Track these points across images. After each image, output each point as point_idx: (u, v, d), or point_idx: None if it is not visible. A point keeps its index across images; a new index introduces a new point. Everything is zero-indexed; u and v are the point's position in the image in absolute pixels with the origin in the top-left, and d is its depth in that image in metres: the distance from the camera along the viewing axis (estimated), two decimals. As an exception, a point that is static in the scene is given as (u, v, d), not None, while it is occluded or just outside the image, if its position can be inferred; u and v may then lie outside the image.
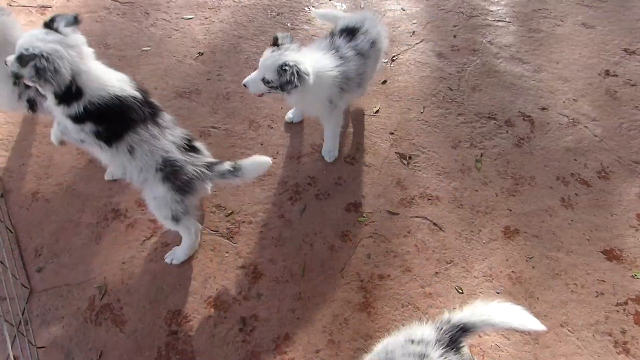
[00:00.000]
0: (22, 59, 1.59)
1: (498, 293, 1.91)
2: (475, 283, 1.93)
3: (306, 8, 2.90)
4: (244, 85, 1.97)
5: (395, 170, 2.22)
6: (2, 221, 2.03)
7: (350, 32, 2.04)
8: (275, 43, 1.91)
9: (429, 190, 2.16)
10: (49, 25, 1.69)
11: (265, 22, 2.81)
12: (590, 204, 2.17)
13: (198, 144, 1.83)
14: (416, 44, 2.76)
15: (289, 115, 2.38)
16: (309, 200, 2.12)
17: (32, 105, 2.09)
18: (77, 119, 1.67)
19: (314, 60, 1.92)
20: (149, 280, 1.92)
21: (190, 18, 2.82)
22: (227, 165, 1.76)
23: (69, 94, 1.63)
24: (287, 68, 1.81)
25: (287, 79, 1.82)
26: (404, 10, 2.93)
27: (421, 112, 2.44)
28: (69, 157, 2.23)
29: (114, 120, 1.68)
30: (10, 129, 2.32)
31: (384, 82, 2.56)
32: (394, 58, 2.67)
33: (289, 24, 2.81)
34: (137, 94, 1.72)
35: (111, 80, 1.71)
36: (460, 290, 1.91)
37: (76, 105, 1.64)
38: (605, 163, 2.30)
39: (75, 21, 1.75)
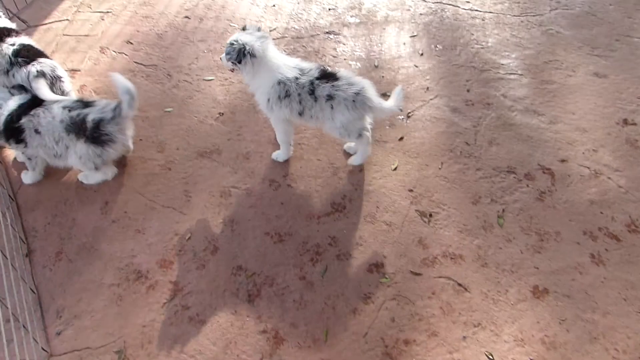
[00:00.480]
0: None
1: None
2: (506, 348, 1.88)
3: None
4: (220, 59, 2.34)
5: (416, 229, 2.21)
6: (26, 282, 2.04)
7: (331, 77, 2.19)
8: (243, 29, 2.28)
9: (452, 248, 2.14)
10: None
11: (283, 81, 2.89)
12: (622, 260, 2.11)
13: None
14: (431, 99, 2.80)
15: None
16: (330, 261, 2.11)
17: None
18: None
19: (274, 56, 2.24)
20: (169, 345, 1.90)
21: (211, 79, 2.90)
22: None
23: None
24: (234, 43, 2.17)
25: (233, 54, 2.17)
26: (417, 67, 2.99)
27: (439, 168, 2.45)
28: (93, 218, 2.26)
29: None
30: (38, 189, 2.37)
31: (401, 138, 2.59)
32: (410, 114, 2.71)
33: (306, 83, 2.87)
34: None
35: None
36: (490, 357, 1.85)
37: None
38: (634, 215, 2.26)
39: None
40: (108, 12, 3.42)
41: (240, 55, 2.16)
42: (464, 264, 2.10)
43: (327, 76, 2.19)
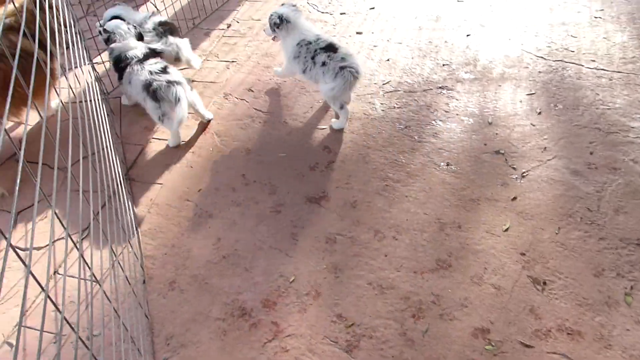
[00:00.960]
0: None
1: None
2: None
3: (433, 122, 2.97)
4: (264, 31, 3.17)
5: (527, 296, 2.08)
6: (142, 307, 2.18)
7: (331, 49, 2.82)
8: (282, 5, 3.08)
9: (569, 323, 1.97)
10: None
11: (393, 134, 2.92)
12: None
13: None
14: (548, 160, 2.67)
15: None
16: (433, 320, 2.04)
17: None
18: None
19: (302, 25, 2.97)
20: (267, 386, 1.92)
21: (324, 128, 3.01)
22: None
23: None
24: (273, 14, 2.96)
25: (274, 19, 2.94)
26: (533, 125, 2.89)
27: (556, 233, 2.31)
28: (206, 251, 2.39)
29: None
30: (160, 220, 2.56)
31: (514, 198, 2.49)
32: (524, 174, 2.60)
33: (416, 137, 2.88)
34: None
35: None
36: None
37: None
38: None
39: None
40: (233, 61, 3.71)
41: (279, 20, 2.92)
42: (583, 342, 1.92)
43: (330, 48, 2.82)
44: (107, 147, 2.32)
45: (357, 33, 3.90)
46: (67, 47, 2.31)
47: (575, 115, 2.92)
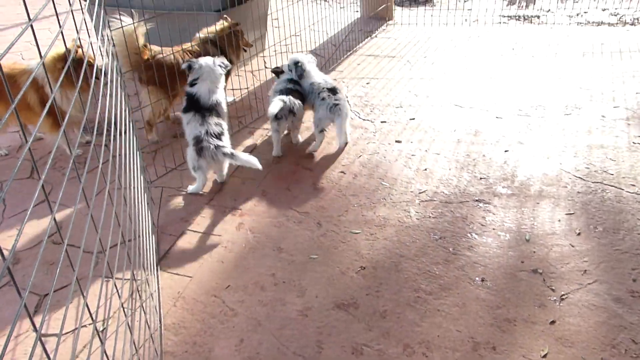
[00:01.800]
0: None
1: None
2: None
3: (469, 234, 2.94)
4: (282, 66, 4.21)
5: None
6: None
7: (333, 92, 3.87)
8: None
9: None
10: None
11: (427, 244, 2.89)
12: None
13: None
14: (588, 284, 2.57)
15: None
16: None
17: None
18: None
19: (313, 70, 4.05)
20: None
21: (357, 233, 3.02)
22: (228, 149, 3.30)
23: None
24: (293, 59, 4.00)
25: (291, 65, 3.99)
26: (573, 246, 2.82)
27: (599, 365, 2.16)
28: (228, 352, 2.32)
29: None
30: (184, 315, 2.53)
31: (553, 322, 2.37)
32: (564, 297, 2.50)
33: (450, 249, 2.84)
34: None
35: None
36: None
37: None
38: None
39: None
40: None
41: (297, 66, 3.94)
42: None
43: (332, 90, 3.84)
44: (143, 235, 2.37)
45: (397, 141, 4.02)
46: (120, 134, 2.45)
47: (616, 239, 2.85)
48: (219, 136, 3.34)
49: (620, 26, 6.61)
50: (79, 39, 2.02)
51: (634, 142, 3.79)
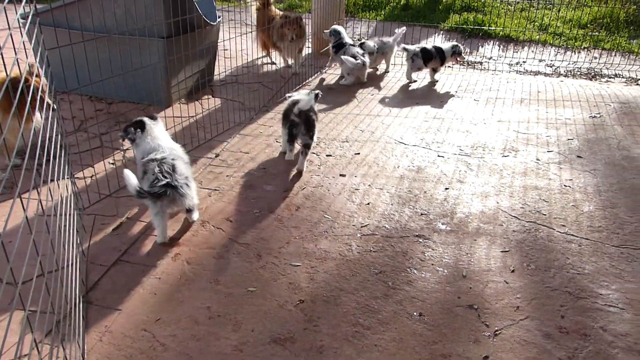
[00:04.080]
0: None
1: None
2: None
3: (408, 269, 2.97)
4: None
5: None
6: None
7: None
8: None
9: None
10: None
11: (367, 278, 2.89)
12: None
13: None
14: (520, 320, 2.63)
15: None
16: None
17: None
18: None
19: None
20: None
21: (298, 265, 2.98)
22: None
23: None
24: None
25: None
26: (507, 283, 2.89)
27: (529, 401, 2.19)
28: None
29: None
30: (110, 350, 2.39)
31: (486, 357, 2.40)
32: (497, 332, 2.54)
33: (390, 283, 2.85)
34: None
35: None
36: None
37: None
38: None
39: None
40: (216, 189, 3.78)
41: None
42: None
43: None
44: (68, 266, 2.24)
45: (341, 175, 4.06)
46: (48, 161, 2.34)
47: (547, 277, 2.95)
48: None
49: (555, 77, 7.05)
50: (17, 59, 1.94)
51: (565, 185, 3.99)
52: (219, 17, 5.83)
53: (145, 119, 3.32)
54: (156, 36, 4.86)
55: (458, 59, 6.44)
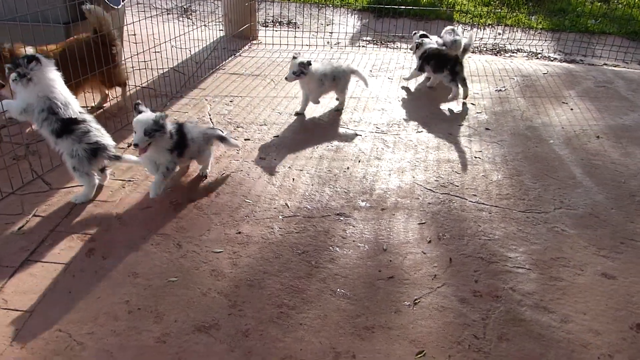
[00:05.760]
0: None
1: None
2: None
3: (330, 247, 3.02)
4: (285, 79, 4.70)
5: None
6: None
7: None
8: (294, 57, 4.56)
9: None
10: None
11: (290, 259, 2.91)
12: None
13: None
14: (438, 287, 2.77)
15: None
16: None
17: None
18: None
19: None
20: None
21: (220, 252, 2.94)
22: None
23: None
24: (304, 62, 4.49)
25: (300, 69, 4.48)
26: (424, 253, 3.02)
27: (447, 362, 2.32)
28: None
29: None
30: (23, 354, 2.24)
31: (407, 326, 2.50)
32: (417, 301, 2.65)
33: (313, 262, 2.89)
34: None
35: None
36: None
37: None
38: None
39: None
40: (130, 180, 3.62)
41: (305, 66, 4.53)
42: None
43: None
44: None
45: (260, 158, 4.03)
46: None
47: (461, 245, 3.11)
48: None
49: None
50: None
51: (475, 157, 4.21)
52: (123, 0, 5.53)
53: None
54: (54, 22, 4.53)
55: None
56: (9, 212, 3.20)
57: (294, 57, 4.58)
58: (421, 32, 5.90)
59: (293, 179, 3.75)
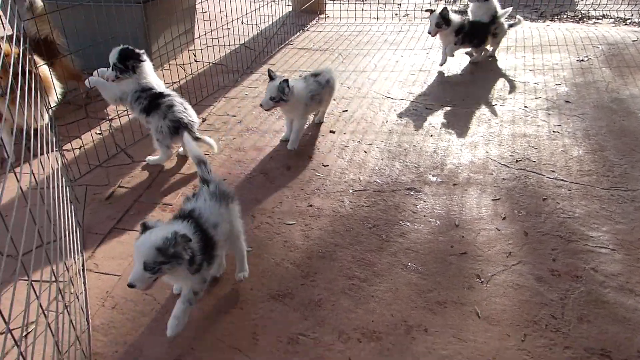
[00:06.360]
0: None
1: None
2: None
3: (401, 222, 3.00)
4: (260, 105, 3.58)
5: (496, 408, 1.99)
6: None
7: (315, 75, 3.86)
8: (270, 77, 3.56)
9: None
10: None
11: (361, 232, 2.93)
12: None
13: None
14: (513, 265, 2.69)
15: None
16: None
17: None
18: None
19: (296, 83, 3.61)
20: None
21: (292, 224, 3.00)
22: None
23: None
24: (283, 85, 3.45)
25: (282, 94, 3.47)
26: (499, 230, 2.94)
27: (522, 340, 2.26)
28: (160, 350, 2.24)
29: None
30: (114, 314, 2.42)
31: (480, 302, 2.46)
32: (490, 278, 2.60)
33: (384, 236, 2.89)
34: None
35: None
36: None
37: None
38: None
39: None
40: (206, 154, 3.75)
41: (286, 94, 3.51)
42: None
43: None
44: (65, 235, 2.24)
45: (331, 132, 4.04)
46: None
47: (538, 222, 3.00)
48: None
49: (542, 22, 6.97)
50: None
51: (553, 131, 4.01)
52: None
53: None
54: (133, 2, 4.71)
55: None
56: (97, 184, 3.42)
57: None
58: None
59: (364, 152, 3.74)
